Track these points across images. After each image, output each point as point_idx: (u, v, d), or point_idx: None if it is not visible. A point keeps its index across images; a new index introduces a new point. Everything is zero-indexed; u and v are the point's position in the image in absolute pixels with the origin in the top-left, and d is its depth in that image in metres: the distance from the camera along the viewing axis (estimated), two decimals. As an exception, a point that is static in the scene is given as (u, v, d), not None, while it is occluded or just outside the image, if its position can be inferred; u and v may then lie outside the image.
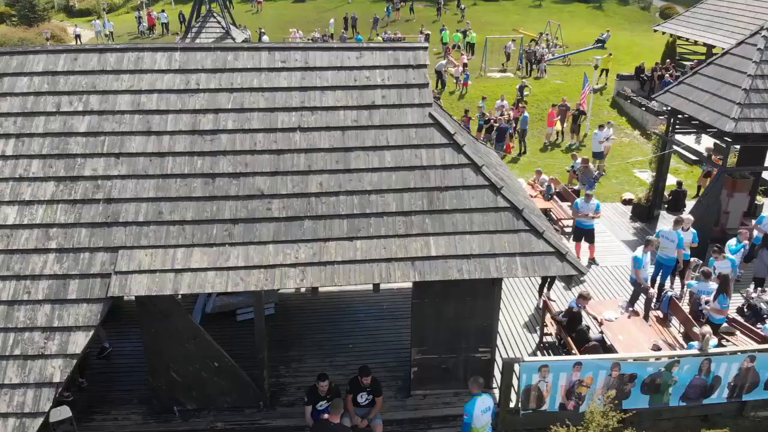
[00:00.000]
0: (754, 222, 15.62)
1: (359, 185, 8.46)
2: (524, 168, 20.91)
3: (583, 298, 10.42)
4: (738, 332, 10.54)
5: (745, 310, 11.52)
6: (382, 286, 10.62)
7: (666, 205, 16.92)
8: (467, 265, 8.09)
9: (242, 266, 7.86)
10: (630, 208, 16.73)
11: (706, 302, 10.61)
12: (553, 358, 9.96)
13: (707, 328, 9.56)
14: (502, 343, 11.06)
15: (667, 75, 26.84)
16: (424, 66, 9.31)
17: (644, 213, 16.23)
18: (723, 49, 26.55)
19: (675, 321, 11.20)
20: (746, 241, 11.85)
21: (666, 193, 17.33)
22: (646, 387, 9.40)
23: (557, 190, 16.16)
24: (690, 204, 16.29)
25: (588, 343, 9.85)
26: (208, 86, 8.94)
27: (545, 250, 8.24)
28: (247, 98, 8.88)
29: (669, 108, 15.26)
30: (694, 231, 12.46)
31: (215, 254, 7.93)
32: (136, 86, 8.96)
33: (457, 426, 9.35)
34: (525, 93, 26.98)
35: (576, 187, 17.25)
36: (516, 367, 9.09)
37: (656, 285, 12.06)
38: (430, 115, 8.93)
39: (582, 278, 13.29)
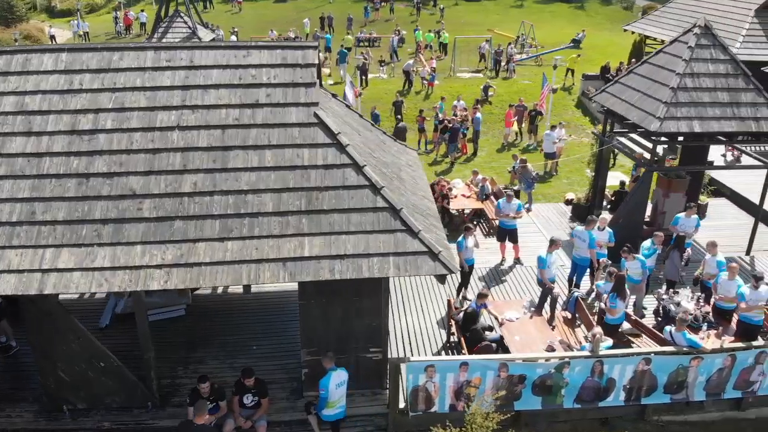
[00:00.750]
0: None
1: (235, 185, 8.40)
2: (478, 169, 20.78)
3: (482, 296, 10.36)
4: (644, 334, 10.45)
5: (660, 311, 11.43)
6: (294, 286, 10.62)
7: (609, 206, 16.82)
8: (340, 265, 8.03)
9: (108, 267, 7.81)
10: (570, 208, 16.65)
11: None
12: (439, 358, 9.89)
13: (598, 329, 9.47)
14: (410, 344, 11.02)
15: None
16: (313, 65, 9.25)
17: (584, 213, 16.10)
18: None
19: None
20: (660, 245, 11.70)
21: (609, 193, 17.26)
22: (537, 388, 9.33)
23: (493, 191, 16.05)
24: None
25: (481, 343, 9.77)
26: (91, 86, 8.88)
27: (419, 249, 8.17)
28: (128, 98, 8.84)
29: (605, 108, 15.18)
30: (611, 231, 12.36)
31: (83, 255, 7.89)
32: (22, 87, 8.90)
33: (347, 428, 9.34)
34: (489, 93, 26.92)
35: (516, 188, 17.18)
36: (402, 367, 9.05)
37: (573, 284, 12.01)
38: (315, 115, 8.87)
39: (504, 278, 13.27)
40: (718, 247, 14.71)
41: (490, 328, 10.56)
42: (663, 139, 13.60)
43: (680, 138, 14.24)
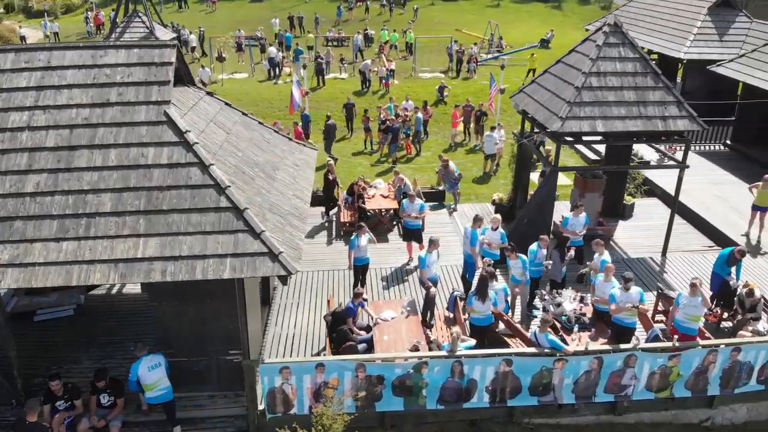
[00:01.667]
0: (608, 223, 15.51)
1: (77, 185, 8.35)
2: (419, 169, 20.72)
3: (357, 296, 10.29)
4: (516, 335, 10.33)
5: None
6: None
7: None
8: (173, 266, 7.96)
9: (-56, 266, 7.79)
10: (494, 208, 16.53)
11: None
12: (294, 359, 9.80)
13: (456, 329, 9.36)
14: (293, 345, 10.94)
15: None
16: (169, 64, 9.19)
17: (506, 213, 16.01)
18: (642, 48, 26.54)
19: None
20: (545, 249, 11.56)
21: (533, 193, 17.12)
22: (397, 389, 9.25)
23: (416, 191, 15.93)
24: (560, 205, 16.06)
25: (346, 343, 9.69)
26: (-53, 88, 8.87)
27: (259, 250, 8.10)
28: (-16, 100, 8.82)
29: (521, 109, 15.06)
30: (503, 231, 12.25)
31: None
32: None
33: (206, 428, 9.30)
34: (445, 93, 26.81)
35: (441, 188, 17.10)
36: (257, 369, 8.99)
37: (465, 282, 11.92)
38: (165, 113, 8.82)
39: (406, 278, 13.16)
40: (638, 248, 14.84)
41: (369, 328, 10.48)
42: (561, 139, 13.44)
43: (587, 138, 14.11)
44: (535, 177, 17.63)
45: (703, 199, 17.00)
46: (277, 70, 29.19)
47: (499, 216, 12.63)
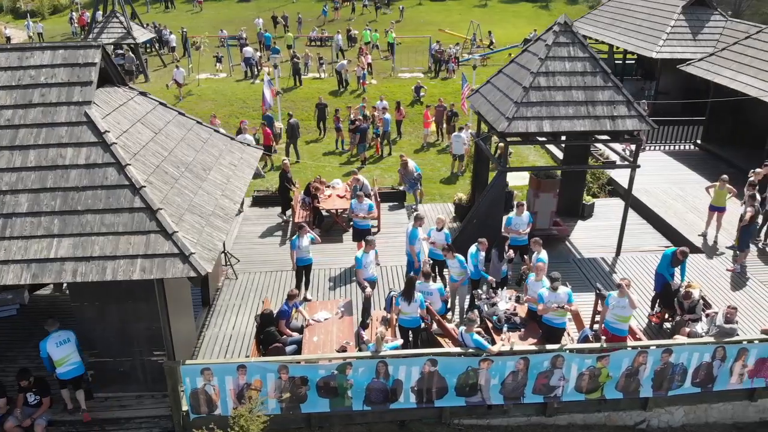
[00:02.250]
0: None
1: (-5, 186, 8.37)
2: (388, 169, 20.69)
3: (291, 297, 10.27)
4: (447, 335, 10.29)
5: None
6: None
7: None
8: (84, 267, 7.97)
9: None
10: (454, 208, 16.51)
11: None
12: (215, 361, 9.78)
13: (381, 329, 9.32)
14: (228, 346, 10.91)
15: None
16: (92, 65, 9.18)
17: (465, 213, 15.96)
18: (618, 48, 26.49)
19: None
20: (484, 252, 11.51)
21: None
22: (322, 390, 9.22)
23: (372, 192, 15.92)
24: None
25: (272, 345, 9.68)
26: None
27: (171, 251, 8.09)
28: None
29: (476, 109, 15.02)
30: (447, 232, 12.21)
31: None
32: None
33: (131, 428, 9.30)
34: (421, 93, 26.76)
35: (402, 188, 17.07)
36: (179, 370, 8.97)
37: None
38: (86, 114, 8.81)
39: (353, 279, 13.12)
40: (592, 248, 14.79)
41: (302, 330, 10.45)
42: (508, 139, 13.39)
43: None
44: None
45: (665, 199, 16.95)
46: (255, 69, 29.16)
47: (443, 216, 12.58)
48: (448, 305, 11.41)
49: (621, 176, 18.46)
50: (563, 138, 14.12)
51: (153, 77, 29.87)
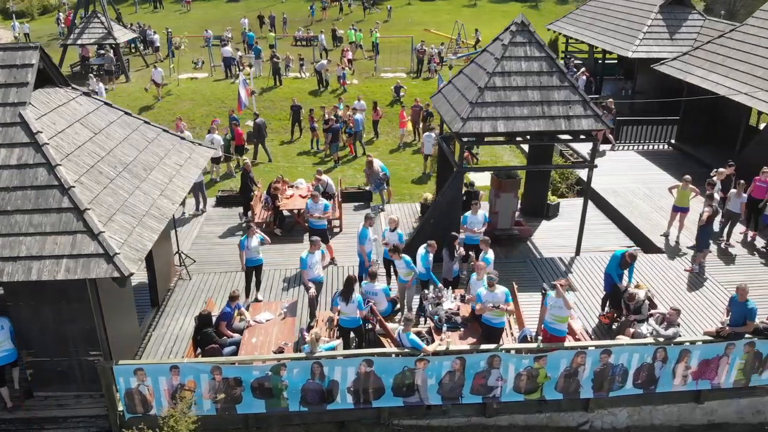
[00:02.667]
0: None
1: (-75, 187, 8.37)
2: (361, 169, 20.61)
3: (233, 299, 10.25)
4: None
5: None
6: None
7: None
8: (11, 267, 7.96)
9: None
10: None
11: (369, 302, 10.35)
12: (148, 361, 9.76)
13: (315, 330, 9.27)
14: (173, 346, 10.88)
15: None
16: (29, 66, 9.16)
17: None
18: (597, 48, 26.41)
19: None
20: (432, 253, 11.44)
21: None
22: (257, 391, 9.19)
23: (340, 191, 15.91)
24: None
25: (209, 346, 9.65)
26: None
27: (96, 251, 8.07)
28: None
29: (437, 110, 14.98)
30: (400, 232, 12.18)
31: None
32: None
33: (69, 428, 9.30)
34: (401, 93, 26.72)
35: (368, 188, 17.03)
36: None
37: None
38: (20, 115, 8.81)
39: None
40: (553, 248, 14.73)
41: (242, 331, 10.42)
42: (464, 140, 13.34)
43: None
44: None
45: (631, 198, 16.89)
46: (237, 69, 29.15)
47: (395, 217, 12.54)
48: (398, 306, 11.40)
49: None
50: (520, 138, 14.06)
51: (135, 77, 29.88)
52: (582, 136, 13.73)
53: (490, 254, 11.23)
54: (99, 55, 29.32)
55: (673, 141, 21.19)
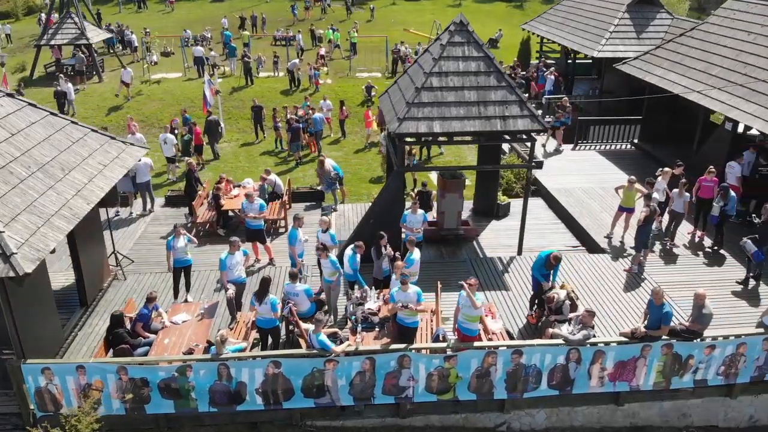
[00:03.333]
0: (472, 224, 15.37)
1: None
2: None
3: (150, 300, 10.24)
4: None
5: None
6: None
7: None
8: None
9: None
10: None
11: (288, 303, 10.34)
12: (54, 361, 9.74)
13: (223, 331, 9.28)
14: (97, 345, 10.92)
15: (515, 75, 26.38)
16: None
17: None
18: (568, 48, 26.31)
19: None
20: (360, 254, 11.42)
21: (412, 193, 17.05)
22: (164, 391, 9.18)
23: (287, 191, 15.89)
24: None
25: (119, 346, 9.66)
26: None
27: (-12, 251, 8.10)
28: None
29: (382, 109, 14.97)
30: (333, 233, 12.17)
31: None
32: None
33: (-25, 428, 9.34)
34: (372, 93, 26.69)
35: (319, 187, 17.02)
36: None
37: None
38: None
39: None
40: (497, 248, 14.67)
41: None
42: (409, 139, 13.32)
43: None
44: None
45: (583, 198, 16.83)
46: (211, 69, 29.18)
47: (326, 218, 12.53)
48: (326, 306, 11.40)
49: (543, 176, 18.43)
50: (459, 138, 14.00)
51: (110, 77, 29.93)
52: (524, 136, 13.78)
53: (416, 254, 11.21)
54: (74, 55, 29.39)
55: (635, 141, 21.11)
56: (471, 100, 12.91)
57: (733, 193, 13.61)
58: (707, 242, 14.46)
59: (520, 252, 14.22)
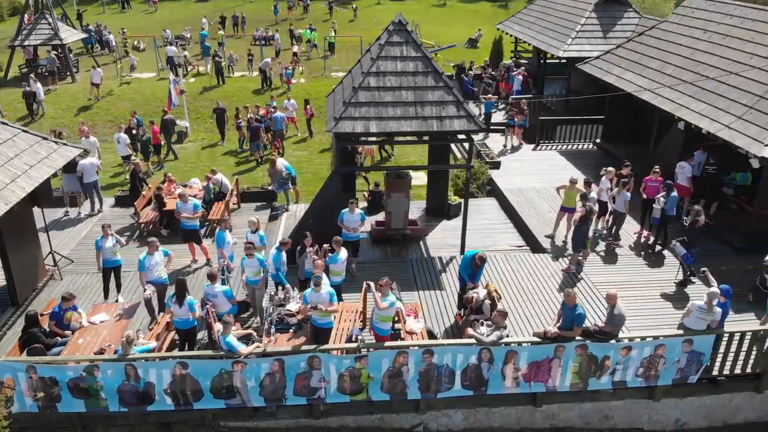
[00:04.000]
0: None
1: None
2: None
3: (66, 300, 10.25)
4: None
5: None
6: None
7: (366, 205, 16.60)
8: None
9: None
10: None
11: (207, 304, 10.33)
12: None
13: (129, 332, 9.27)
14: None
15: (485, 74, 26.37)
16: None
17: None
18: (537, 47, 26.21)
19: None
20: (285, 250, 11.41)
21: (365, 193, 17.05)
22: (74, 391, 9.21)
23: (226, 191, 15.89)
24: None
25: (33, 345, 9.69)
26: None
27: None
28: None
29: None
30: (262, 234, 12.19)
31: None
32: None
33: None
34: (341, 92, 26.65)
35: (270, 187, 17.01)
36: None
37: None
38: None
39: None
40: (442, 248, 14.64)
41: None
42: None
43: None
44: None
45: (533, 198, 16.81)
46: (185, 69, 29.23)
47: (254, 218, 12.50)
48: (251, 309, 11.41)
49: (500, 176, 18.41)
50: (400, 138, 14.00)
51: (84, 77, 29.92)
52: (463, 136, 13.76)
53: (342, 254, 11.20)
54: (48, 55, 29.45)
55: (598, 140, 21.05)
56: (408, 100, 12.90)
57: (674, 194, 13.56)
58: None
59: (462, 252, 14.16)
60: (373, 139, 14.90)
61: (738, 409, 10.84)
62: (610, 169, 14.72)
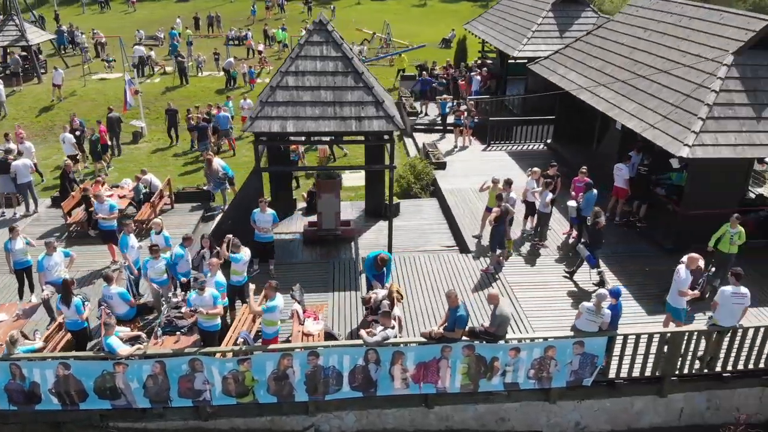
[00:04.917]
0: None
1: None
2: (237, 168, 20.56)
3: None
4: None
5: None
6: None
7: (305, 205, 16.63)
8: None
9: None
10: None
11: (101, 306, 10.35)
12: None
13: (14, 332, 9.35)
14: None
15: (446, 75, 26.34)
16: None
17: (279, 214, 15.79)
18: (497, 47, 26.13)
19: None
20: (188, 246, 11.44)
21: (304, 194, 17.04)
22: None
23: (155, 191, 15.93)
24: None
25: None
26: None
27: None
28: None
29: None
30: (167, 235, 12.19)
31: None
32: None
33: None
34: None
35: (206, 187, 17.02)
36: None
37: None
38: None
39: (94, 281, 13.11)
40: (371, 248, 14.54)
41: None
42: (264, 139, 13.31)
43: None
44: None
45: (470, 199, 16.76)
46: (152, 69, 29.31)
47: (159, 220, 12.50)
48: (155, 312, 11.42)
49: (444, 177, 18.37)
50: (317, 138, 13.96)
51: (50, 78, 30.04)
52: (386, 137, 13.71)
53: (243, 254, 11.17)
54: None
55: (549, 141, 20.98)
56: (327, 100, 12.88)
57: (594, 192, 13.50)
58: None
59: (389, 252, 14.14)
60: (295, 138, 14.80)
61: (641, 414, 10.77)
62: (535, 169, 14.66)
